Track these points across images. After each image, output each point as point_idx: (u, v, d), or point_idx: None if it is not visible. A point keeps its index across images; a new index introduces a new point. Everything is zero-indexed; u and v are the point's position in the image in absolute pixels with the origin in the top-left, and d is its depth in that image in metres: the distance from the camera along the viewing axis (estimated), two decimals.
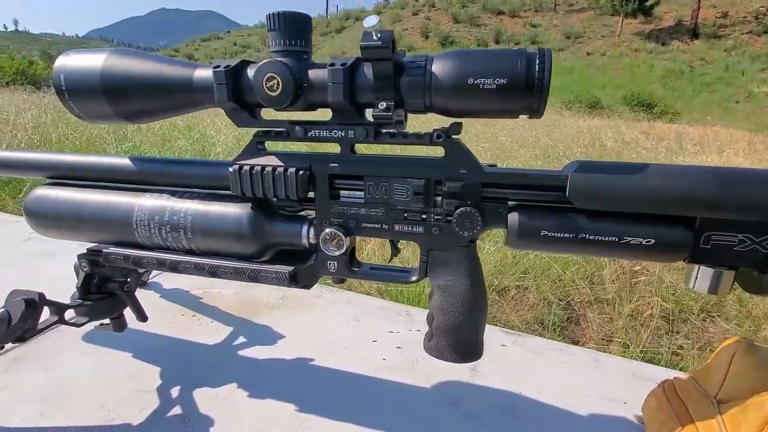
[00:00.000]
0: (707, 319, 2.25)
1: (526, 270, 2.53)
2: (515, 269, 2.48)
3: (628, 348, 1.99)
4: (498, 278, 2.42)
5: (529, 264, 2.51)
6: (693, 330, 2.16)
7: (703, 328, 2.19)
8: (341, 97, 0.49)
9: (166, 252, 0.64)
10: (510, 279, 2.48)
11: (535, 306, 2.35)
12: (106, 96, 0.56)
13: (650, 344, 2.02)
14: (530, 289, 2.49)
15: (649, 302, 2.24)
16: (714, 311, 2.30)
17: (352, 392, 0.78)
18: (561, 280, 2.48)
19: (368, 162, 0.55)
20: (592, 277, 2.47)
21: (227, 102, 0.53)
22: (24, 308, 0.61)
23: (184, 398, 0.74)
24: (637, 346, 1.98)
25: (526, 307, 2.32)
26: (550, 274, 2.53)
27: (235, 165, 0.57)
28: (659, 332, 2.11)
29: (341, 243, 0.56)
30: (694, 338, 2.12)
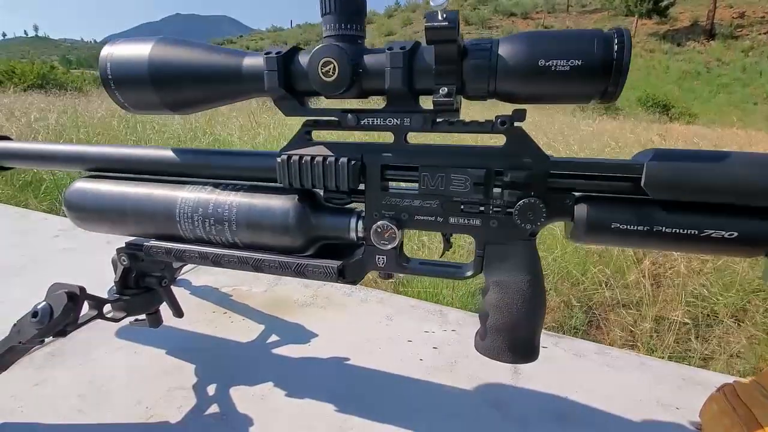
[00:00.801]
0: (735, 323, 2.18)
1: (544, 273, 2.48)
2: None
3: (653, 353, 1.93)
4: None
5: (547, 267, 2.46)
6: (721, 335, 2.09)
7: (730, 333, 2.12)
8: (400, 83, 0.47)
9: (208, 246, 0.62)
10: None
11: (556, 309, 2.30)
12: (154, 85, 0.55)
13: (677, 349, 1.96)
14: (549, 292, 2.45)
15: (673, 306, 2.18)
16: (741, 317, 2.23)
17: (392, 393, 0.76)
18: (580, 283, 2.43)
19: (424, 152, 0.52)
20: (613, 281, 2.41)
21: (278, 89, 0.51)
22: (66, 301, 0.60)
23: (221, 396, 0.73)
24: (664, 351, 1.93)
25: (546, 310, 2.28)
26: (569, 276, 2.48)
27: (283, 155, 0.55)
28: (686, 337, 2.05)
29: (393, 236, 0.54)
30: (724, 344, 2.05)
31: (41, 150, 0.71)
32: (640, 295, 2.29)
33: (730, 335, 2.10)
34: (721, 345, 2.05)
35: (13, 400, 0.70)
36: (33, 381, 0.75)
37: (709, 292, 2.24)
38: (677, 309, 2.15)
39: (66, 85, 11.12)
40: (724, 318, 2.11)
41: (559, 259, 2.45)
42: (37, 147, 0.71)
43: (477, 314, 1.02)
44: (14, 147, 0.72)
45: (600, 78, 0.42)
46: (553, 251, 2.46)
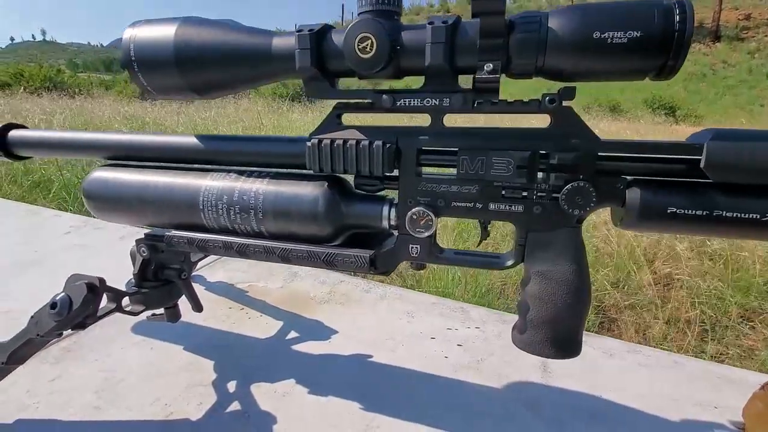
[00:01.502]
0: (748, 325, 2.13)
1: None
2: None
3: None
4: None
5: None
6: (736, 336, 2.04)
7: (744, 335, 2.08)
8: (441, 59, 0.45)
9: (232, 235, 0.60)
10: None
11: None
12: (179, 67, 0.53)
13: (692, 351, 1.92)
14: None
15: (686, 308, 2.13)
16: (755, 318, 2.18)
17: (418, 391, 0.73)
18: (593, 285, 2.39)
19: (463, 134, 0.50)
20: (624, 282, 2.36)
21: (309, 69, 0.49)
22: (86, 292, 0.57)
23: (241, 394, 0.70)
24: (678, 352, 1.88)
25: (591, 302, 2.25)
26: None
27: (313, 139, 0.53)
28: (700, 338, 2.01)
29: (430, 223, 0.51)
30: (737, 345, 2.01)
31: (59, 138, 0.69)
32: (651, 296, 2.26)
33: (745, 337, 2.06)
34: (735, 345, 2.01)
35: (29, 396, 0.68)
36: (48, 376, 0.72)
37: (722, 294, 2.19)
38: (689, 311, 2.11)
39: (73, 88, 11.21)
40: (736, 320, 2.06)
41: None
42: (55, 135, 0.69)
43: (500, 312, 0.99)
44: (31, 135, 0.70)
45: (659, 51, 0.40)
46: None
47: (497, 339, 0.87)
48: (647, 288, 2.32)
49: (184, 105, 6.80)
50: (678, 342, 1.91)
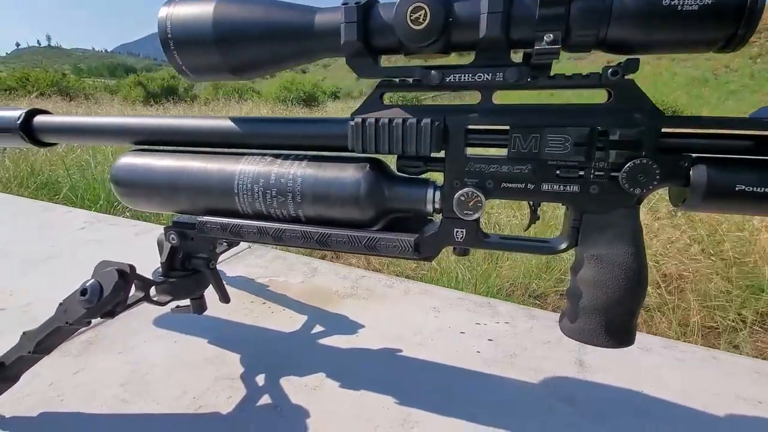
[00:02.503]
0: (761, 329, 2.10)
1: (562, 274, 2.43)
2: (549, 274, 2.38)
3: None
4: (535, 282, 2.32)
5: (566, 269, 2.39)
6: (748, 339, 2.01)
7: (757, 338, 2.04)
8: (498, 30, 0.43)
9: (267, 221, 0.58)
10: (546, 285, 2.38)
11: None
12: (218, 46, 0.51)
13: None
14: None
15: (696, 309, 2.10)
16: None
17: (452, 386, 0.70)
18: None
19: (516, 111, 0.48)
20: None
21: (355, 43, 0.47)
22: (117, 278, 0.55)
23: (271, 387, 0.68)
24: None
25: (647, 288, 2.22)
26: None
27: (356, 118, 0.51)
28: (714, 341, 1.98)
29: (479, 205, 0.49)
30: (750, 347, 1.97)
31: (85, 123, 0.67)
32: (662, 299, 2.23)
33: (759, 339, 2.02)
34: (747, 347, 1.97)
35: (52, 389, 0.66)
36: (71, 369, 0.70)
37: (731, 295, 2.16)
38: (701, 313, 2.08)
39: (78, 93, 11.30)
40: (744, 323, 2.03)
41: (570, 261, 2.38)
42: (81, 120, 0.68)
43: (527, 307, 0.97)
44: (56, 121, 0.68)
45: (731, 20, 0.38)
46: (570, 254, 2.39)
47: (528, 334, 0.85)
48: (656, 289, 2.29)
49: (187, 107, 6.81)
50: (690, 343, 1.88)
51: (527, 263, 2.37)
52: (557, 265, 2.42)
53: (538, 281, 2.35)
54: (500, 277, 2.35)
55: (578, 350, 0.81)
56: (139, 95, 14.79)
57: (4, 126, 0.68)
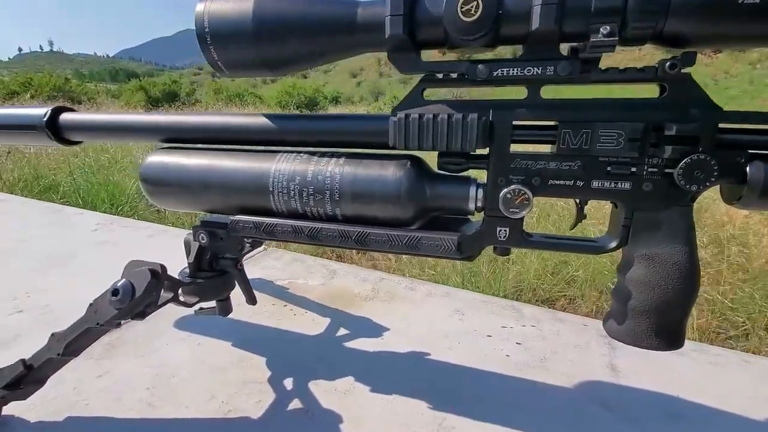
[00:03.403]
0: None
1: (570, 279, 2.41)
2: (558, 278, 2.37)
3: None
4: (542, 287, 2.31)
5: (574, 273, 2.38)
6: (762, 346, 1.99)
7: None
8: (552, 22, 0.41)
9: (302, 219, 0.56)
10: (554, 289, 2.37)
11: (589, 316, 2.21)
12: (257, 40, 0.50)
13: None
14: (577, 300, 2.37)
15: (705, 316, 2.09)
16: None
17: (485, 390, 0.69)
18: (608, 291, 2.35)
19: (565, 106, 0.47)
20: None
21: (401, 36, 0.46)
22: (150, 278, 0.54)
23: (300, 391, 0.66)
24: None
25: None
26: (597, 285, 2.40)
27: (399, 114, 0.50)
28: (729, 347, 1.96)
29: (526, 202, 0.48)
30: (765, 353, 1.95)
31: (112, 121, 0.66)
32: None
33: None
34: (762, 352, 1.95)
35: (76, 393, 0.64)
36: (95, 372, 0.68)
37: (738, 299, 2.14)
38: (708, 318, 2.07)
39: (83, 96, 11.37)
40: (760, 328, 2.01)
41: (586, 264, 2.37)
42: (107, 118, 0.67)
43: (552, 310, 0.95)
44: (82, 118, 0.67)
45: None
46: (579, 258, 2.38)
47: (557, 337, 0.83)
48: None
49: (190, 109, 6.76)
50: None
51: (534, 267, 2.36)
52: (564, 269, 2.41)
53: (546, 285, 2.34)
54: (508, 280, 2.34)
55: (609, 354, 0.79)
56: (141, 100, 14.84)
57: (30, 123, 0.67)
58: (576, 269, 2.37)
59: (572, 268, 2.38)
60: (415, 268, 2.53)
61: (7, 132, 0.69)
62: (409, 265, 2.54)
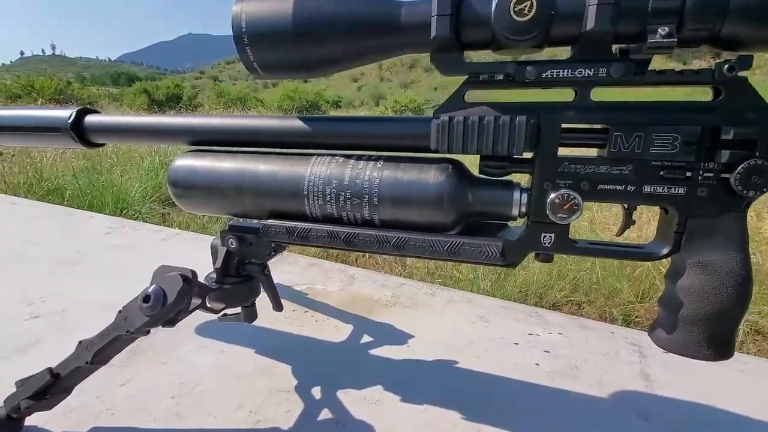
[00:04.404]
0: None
1: (575, 284, 2.40)
2: (563, 283, 2.35)
3: None
4: (549, 292, 2.29)
5: (578, 278, 2.36)
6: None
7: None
8: (607, 23, 0.40)
9: (337, 224, 0.55)
10: (559, 294, 2.35)
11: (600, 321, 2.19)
12: (297, 40, 0.48)
13: None
14: (584, 306, 2.35)
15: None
16: None
17: (519, 399, 0.67)
18: (617, 296, 2.33)
19: (617, 109, 0.45)
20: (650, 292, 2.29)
21: (447, 37, 0.45)
22: (182, 284, 0.52)
23: (329, 400, 0.64)
24: None
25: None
26: (603, 290, 2.39)
27: (442, 117, 0.48)
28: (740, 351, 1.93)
29: (575, 208, 0.47)
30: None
31: (139, 123, 0.65)
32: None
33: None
34: None
35: (100, 402, 0.63)
36: (118, 381, 0.67)
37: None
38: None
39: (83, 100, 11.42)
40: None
41: (591, 269, 2.35)
42: (134, 120, 0.65)
43: (576, 317, 0.94)
44: (108, 120, 0.66)
45: None
46: (585, 262, 2.37)
47: (585, 345, 0.82)
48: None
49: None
50: None
51: (540, 272, 2.34)
52: (569, 274, 2.39)
53: (552, 291, 2.32)
54: (515, 287, 2.32)
55: (640, 362, 0.77)
56: (144, 103, 14.87)
57: (54, 125, 0.66)
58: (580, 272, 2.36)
59: (575, 273, 2.37)
60: (421, 272, 2.51)
61: (30, 134, 0.68)
62: (414, 269, 2.53)
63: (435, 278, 2.43)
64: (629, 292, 2.32)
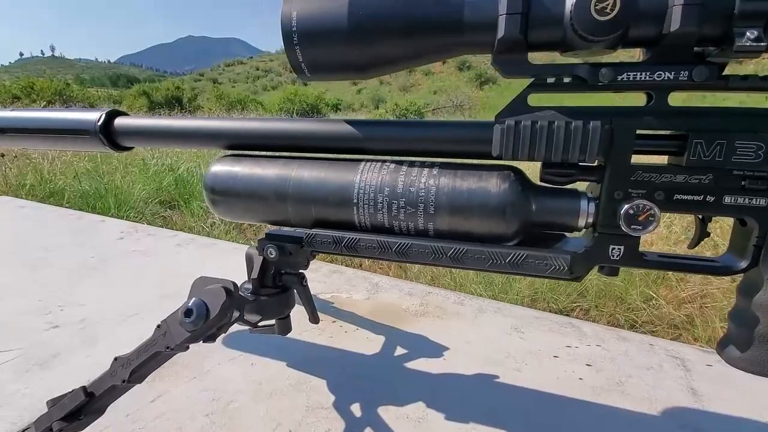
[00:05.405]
0: None
1: (584, 289, 2.38)
2: (570, 289, 2.33)
3: None
4: (557, 297, 2.27)
5: (584, 283, 2.34)
6: None
7: None
8: (694, 25, 0.38)
9: (387, 234, 0.52)
10: (566, 300, 2.33)
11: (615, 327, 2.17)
12: (351, 40, 0.46)
13: None
14: (592, 311, 2.33)
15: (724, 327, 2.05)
16: None
17: (569, 416, 0.64)
18: (624, 302, 2.31)
19: (696, 114, 0.43)
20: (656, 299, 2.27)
21: (516, 38, 0.42)
22: (225, 298, 0.49)
23: (371, 418, 0.61)
24: None
25: None
26: (611, 295, 2.37)
27: (507, 121, 0.46)
28: None
29: (652, 219, 0.44)
30: None
31: (172, 126, 0.62)
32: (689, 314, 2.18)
33: None
34: None
35: (130, 421, 0.59)
36: (147, 397, 0.63)
37: None
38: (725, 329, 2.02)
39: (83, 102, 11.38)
40: None
41: (597, 276, 2.33)
42: (167, 123, 0.62)
43: (612, 327, 0.91)
44: (139, 123, 0.63)
45: None
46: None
47: (626, 358, 0.79)
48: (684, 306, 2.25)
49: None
50: None
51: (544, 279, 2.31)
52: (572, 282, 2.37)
53: (559, 296, 2.30)
54: (520, 292, 2.30)
55: (686, 377, 0.75)
56: (143, 105, 14.82)
57: (82, 128, 0.63)
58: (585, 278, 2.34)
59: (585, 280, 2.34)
60: (427, 276, 2.49)
61: (57, 136, 0.65)
62: (419, 274, 2.50)
63: (439, 284, 2.40)
64: (635, 297, 2.31)
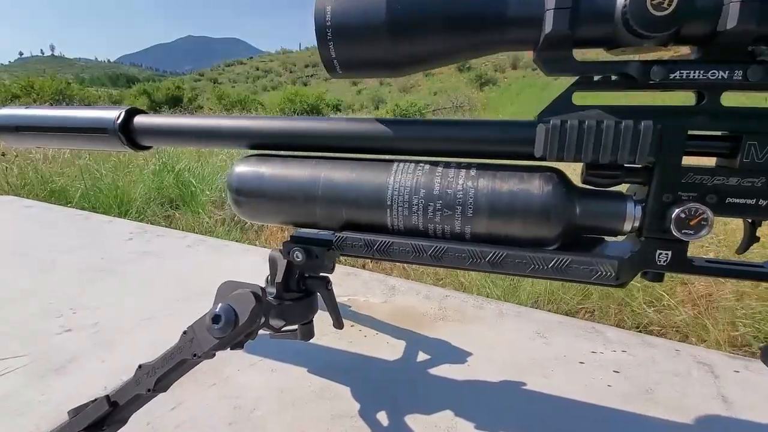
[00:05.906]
0: None
1: (588, 290, 2.36)
2: (573, 290, 2.31)
3: None
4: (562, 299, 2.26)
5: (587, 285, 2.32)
6: None
7: None
8: (753, 23, 0.36)
9: (422, 238, 0.50)
10: (570, 302, 2.31)
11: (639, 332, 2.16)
12: (388, 36, 0.44)
13: None
14: (597, 313, 2.32)
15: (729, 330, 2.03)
16: None
17: (599, 425, 0.62)
18: (627, 304, 2.30)
19: (752, 115, 0.41)
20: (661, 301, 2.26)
21: (563, 34, 0.40)
22: (254, 303, 0.48)
23: (398, 428, 0.59)
24: None
25: None
26: (615, 297, 2.36)
27: (552, 120, 0.44)
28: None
29: (704, 223, 0.42)
30: None
31: (194, 125, 0.60)
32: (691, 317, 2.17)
33: None
34: None
35: (152, 430, 0.57)
36: (167, 405, 0.61)
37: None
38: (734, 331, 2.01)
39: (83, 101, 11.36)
40: None
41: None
42: (188, 122, 0.60)
43: (637, 333, 0.89)
44: (160, 122, 0.61)
45: None
46: None
47: (653, 365, 0.77)
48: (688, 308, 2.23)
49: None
50: None
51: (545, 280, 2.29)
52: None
53: (566, 297, 2.28)
54: (526, 292, 2.29)
55: (715, 384, 0.73)
56: (144, 105, 14.81)
57: (101, 126, 0.61)
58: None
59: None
60: (431, 278, 2.47)
61: (74, 135, 0.63)
62: (422, 275, 2.48)
63: (444, 285, 2.39)
64: (642, 299, 2.29)
